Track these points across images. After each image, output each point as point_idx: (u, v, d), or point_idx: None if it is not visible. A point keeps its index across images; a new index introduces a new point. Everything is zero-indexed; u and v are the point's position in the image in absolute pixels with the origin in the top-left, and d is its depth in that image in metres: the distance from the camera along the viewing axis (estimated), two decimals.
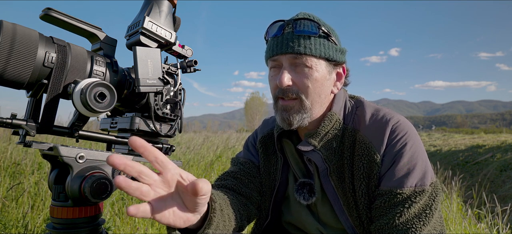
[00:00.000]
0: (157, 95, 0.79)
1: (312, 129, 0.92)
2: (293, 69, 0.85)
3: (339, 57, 0.88)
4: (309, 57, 0.83)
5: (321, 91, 0.87)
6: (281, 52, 0.84)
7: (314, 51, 0.83)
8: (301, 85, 0.85)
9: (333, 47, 0.87)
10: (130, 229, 2.39)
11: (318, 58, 0.84)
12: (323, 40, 0.85)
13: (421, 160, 0.80)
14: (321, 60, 0.85)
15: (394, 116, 0.86)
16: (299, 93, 0.85)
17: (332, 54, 0.86)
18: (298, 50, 0.83)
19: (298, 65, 0.85)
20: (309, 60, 0.83)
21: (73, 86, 0.64)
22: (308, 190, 0.92)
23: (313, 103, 0.87)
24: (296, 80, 0.85)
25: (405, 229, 0.75)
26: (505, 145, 7.52)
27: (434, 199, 0.78)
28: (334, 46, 0.87)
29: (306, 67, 0.84)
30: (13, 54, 0.58)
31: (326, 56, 0.85)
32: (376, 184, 0.82)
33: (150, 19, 0.75)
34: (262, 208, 1.02)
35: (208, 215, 0.68)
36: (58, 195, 0.68)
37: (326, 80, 0.87)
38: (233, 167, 1.05)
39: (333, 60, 0.87)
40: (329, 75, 0.88)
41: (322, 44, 0.84)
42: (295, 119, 0.86)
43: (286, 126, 0.88)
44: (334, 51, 0.87)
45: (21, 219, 2.18)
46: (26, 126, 0.63)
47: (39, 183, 2.70)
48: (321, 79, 0.86)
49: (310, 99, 0.86)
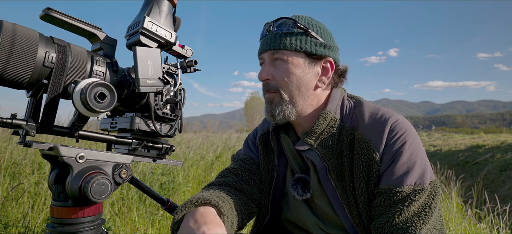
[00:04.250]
0: (157, 95, 0.79)
1: (307, 127, 0.93)
2: (273, 64, 0.92)
3: (320, 51, 0.90)
4: (284, 51, 0.89)
5: (300, 84, 0.90)
6: (264, 49, 0.93)
7: (288, 46, 0.89)
8: (279, 79, 0.91)
9: (312, 42, 0.90)
10: (130, 229, 2.39)
11: (295, 52, 0.89)
12: (300, 36, 0.89)
13: (420, 159, 0.81)
14: (299, 54, 0.89)
15: (393, 115, 0.86)
16: (277, 87, 0.91)
17: (310, 48, 0.89)
18: (273, 46, 0.90)
19: (276, 60, 0.91)
20: (284, 54, 0.89)
21: (73, 86, 0.64)
22: (302, 185, 0.93)
23: (293, 96, 0.90)
24: (274, 74, 0.91)
25: (405, 227, 0.75)
26: (505, 145, 7.52)
27: (433, 198, 0.78)
28: (314, 40, 0.90)
29: (282, 62, 0.90)
30: (13, 54, 0.58)
31: (303, 50, 0.89)
32: (375, 182, 0.82)
33: (150, 19, 0.75)
34: (262, 205, 1.02)
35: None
36: (58, 195, 0.68)
37: (305, 74, 0.90)
38: (234, 164, 1.06)
39: (313, 54, 0.90)
40: (308, 69, 0.91)
41: (299, 39, 0.89)
42: (276, 111, 0.91)
43: (270, 118, 0.94)
44: (313, 45, 0.90)
45: (21, 219, 2.18)
46: (26, 126, 0.63)
47: (39, 183, 2.70)
48: (299, 73, 0.90)
49: (288, 93, 0.90)
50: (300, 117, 0.93)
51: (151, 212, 2.70)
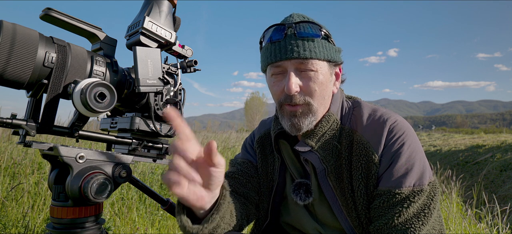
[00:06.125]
0: (157, 95, 0.79)
1: (309, 130, 0.92)
2: (298, 74, 0.84)
3: (338, 58, 0.89)
4: (314, 61, 0.82)
5: (325, 93, 0.87)
6: (286, 57, 0.82)
7: (319, 55, 0.82)
8: (308, 90, 0.84)
9: (333, 48, 0.87)
10: (130, 229, 2.39)
11: (322, 61, 0.84)
12: (325, 42, 0.85)
13: (419, 160, 0.80)
14: (324, 63, 0.85)
15: (392, 116, 0.86)
16: (307, 98, 0.84)
17: (333, 55, 0.86)
18: (304, 54, 0.81)
19: (303, 69, 0.83)
20: (314, 64, 0.82)
21: (73, 86, 0.64)
22: (304, 190, 0.92)
23: (319, 105, 0.87)
24: (303, 85, 0.83)
25: (404, 229, 0.75)
26: (505, 145, 7.52)
27: (432, 199, 0.78)
28: (334, 47, 0.88)
29: (311, 71, 0.83)
30: (13, 54, 0.58)
31: (328, 58, 0.85)
32: (374, 184, 0.82)
33: (150, 19, 0.75)
34: (261, 208, 1.02)
35: (218, 201, 0.69)
36: (58, 195, 0.68)
37: (329, 82, 0.88)
38: (231, 168, 1.06)
39: (334, 61, 0.88)
40: (330, 76, 0.89)
41: (324, 46, 0.84)
42: (304, 123, 0.85)
43: (294, 131, 0.87)
44: (334, 52, 0.87)
45: (21, 219, 2.18)
46: (26, 126, 0.63)
47: (39, 183, 2.70)
48: (325, 82, 0.86)
49: (317, 103, 0.85)
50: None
51: (151, 212, 2.70)
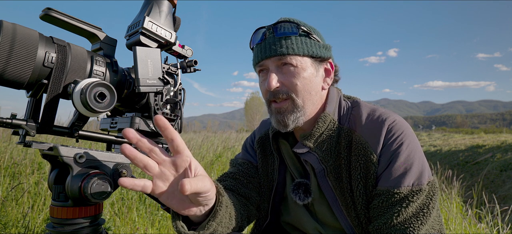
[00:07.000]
0: (157, 95, 0.79)
1: (306, 130, 0.93)
2: (279, 71, 0.87)
3: (323, 53, 0.90)
4: (293, 57, 0.85)
5: (311, 89, 0.88)
6: (266, 56, 0.87)
7: (297, 50, 0.85)
8: (290, 85, 0.86)
9: (315, 44, 0.89)
10: (130, 229, 2.39)
11: (303, 56, 0.87)
12: (304, 38, 0.87)
13: (417, 159, 0.80)
14: (305, 58, 0.87)
15: (390, 116, 0.86)
16: (290, 93, 0.87)
17: (316, 51, 0.88)
18: (281, 51, 0.85)
19: (283, 66, 0.87)
20: (293, 59, 0.85)
21: (73, 86, 0.64)
22: (303, 190, 0.93)
23: (305, 101, 0.88)
24: (284, 80, 0.87)
25: (403, 228, 0.75)
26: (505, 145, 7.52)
27: (431, 198, 0.78)
28: (317, 43, 0.89)
29: (292, 67, 0.86)
30: (13, 54, 0.58)
31: (310, 54, 0.87)
32: (373, 184, 0.82)
33: (150, 19, 0.75)
34: (261, 208, 1.02)
35: (214, 207, 0.69)
36: (58, 195, 0.68)
37: (314, 77, 0.89)
38: (232, 168, 1.06)
39: (318, 57, 0.89)
40: (316, 72, 0.90)
41: (304, 43, 0.87)
42: (290, 119, 0.88)
43: (282, 128, 0.89)
44: (318, 47, 0.89)
45: (21, 219, 2.18)
46: (26, 126, 0.63)
47: (39, 183, 2.70)
48: (309, 77, 0.87)
49: (301, 97, 0.87)
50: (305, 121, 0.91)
51: (151, 212, 2.70)
